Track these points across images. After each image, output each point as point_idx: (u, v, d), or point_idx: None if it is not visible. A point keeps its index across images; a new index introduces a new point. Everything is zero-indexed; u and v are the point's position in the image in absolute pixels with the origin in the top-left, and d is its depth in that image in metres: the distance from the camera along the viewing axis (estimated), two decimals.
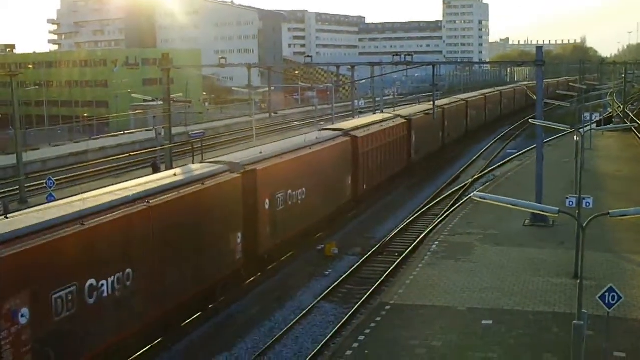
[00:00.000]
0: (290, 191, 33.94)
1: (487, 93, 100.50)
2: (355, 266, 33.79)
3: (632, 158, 62.35)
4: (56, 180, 43.98)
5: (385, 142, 49.87)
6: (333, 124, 58.66)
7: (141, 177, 28.88)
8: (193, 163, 36.15)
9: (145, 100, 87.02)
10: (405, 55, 46.89)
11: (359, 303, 28.52)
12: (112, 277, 20.90)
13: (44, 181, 42.75)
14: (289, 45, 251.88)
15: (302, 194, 35.20)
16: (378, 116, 56.09)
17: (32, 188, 49.80)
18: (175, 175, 26.61)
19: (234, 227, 28.33)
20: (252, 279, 31.35)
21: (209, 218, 26.24)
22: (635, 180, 51.08)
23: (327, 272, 33.60)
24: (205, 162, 30.79)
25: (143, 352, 23.70)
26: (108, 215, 21.01)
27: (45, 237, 18.66)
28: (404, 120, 56.04)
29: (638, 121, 77.85)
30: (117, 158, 64.51)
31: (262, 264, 32.18)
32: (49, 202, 27.58)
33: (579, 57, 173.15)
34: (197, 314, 27.07)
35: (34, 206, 22.82)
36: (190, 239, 24.84)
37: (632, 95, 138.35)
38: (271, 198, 31.80)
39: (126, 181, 26.79)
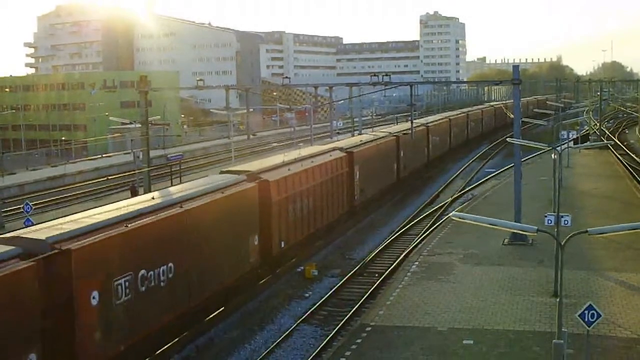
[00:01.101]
0: (152, 271, 23.81)
1: (452, 116, 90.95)
2: (335, 288, 33.69)
3: (609, 175, 62.77)
4: (34, 204, 43.62)
5: (315, 182, 39.86)
6: (311, 143, 58.48)
7: (120, 200, 28.90)
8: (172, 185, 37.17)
9: (123, 123, 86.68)
10: (383, 75, 47.18)
11: (339, 325, 28.40)
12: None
13: (22, 206, 42.41)
14: (267, 67, 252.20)
15: (164, 272, 24.60)
16: (313, 149, 47.17)
17: (9, 213, 49.42)
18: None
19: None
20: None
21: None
22: (612, 198, 51.42)
23: (307, 294, 33.49)
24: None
25: None
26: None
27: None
28: (343, 154, 46.10)
29: (614, 138, 78.53)
30: (95, 182, 64.31)
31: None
32: (26, 226, 27.36)
33: (555, 75, 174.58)
34: (176, 339, 26.84)
35: (11, 231, 22.70)
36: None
37: (608, 113, 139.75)
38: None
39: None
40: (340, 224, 45.26)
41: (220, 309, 29.91)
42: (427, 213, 51.04)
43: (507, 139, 41.86)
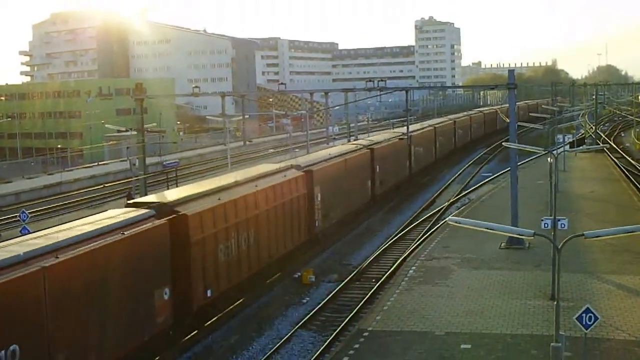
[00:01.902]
0: None
1: (437, 124, 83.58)
2: (333, 293, 33.66)
3: (605, 178, 62.82)
4: (30, 213, 43.58)
5: (259, 210, 33.63)
6: (308, 151, 58.53)
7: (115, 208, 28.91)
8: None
9: (119, 131, 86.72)
10: (379, 80, 47.18)
11: (337, 330, 28.37)
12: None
13: (18, 214, 42.36)
14: (263, 73, 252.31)
15: None
16: (265, 168, 39.93)
17: (6, 221, 49.36)
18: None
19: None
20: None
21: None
22: (608, 201, 51.45)
23: (305, 300, 33.47)
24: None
25: None
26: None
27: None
28: (300, 173, 39.62)
29: (610, 142, 78.64)
30: (92, 189, 64.29)
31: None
32: (23, 235, 27.32)
33: (551, 79, 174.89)
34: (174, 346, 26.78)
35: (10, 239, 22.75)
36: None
37: (603, 117, 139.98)
38: None
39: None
40: (296, 256, 38.50)
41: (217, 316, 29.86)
42: (424, 218, 51.03)
43: (503, 143, 41.86)
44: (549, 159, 39.18)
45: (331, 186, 43.36)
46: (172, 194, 30.30)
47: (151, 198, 29.61)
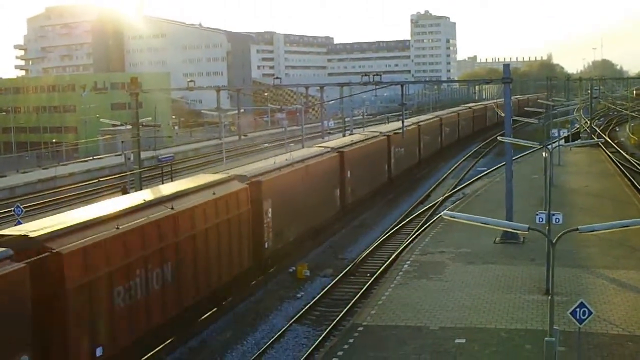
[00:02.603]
0: None
1: (421, 121, 76.94)
2: (327, 288, 33.67)
3: (600, 173, 62.90)
4: (25, 207, 43.46)
5: (179, 238, 26.85)
6: (303, 146, 58.22)
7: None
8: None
9: (114, 125, 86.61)
10: (374, 75, 47.07)
11: (331, 325, 28.40)
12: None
13: (12, 209, 42.23)
14: (258, 67, 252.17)
15: None
16: (195, 181, 32.80)
17: (0, 215, 49.22)
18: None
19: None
20: None
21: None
22: (603, 195, 51.52)
23: (299, 295, 33.48)
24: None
25: None
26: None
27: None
28: (243, 185, 33.19)
29: (605, 136, 78.76)
30: (87, 184, 64.18)
31: None
32: None
33: (546, 73, 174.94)
34: (168, 340, 26.75)
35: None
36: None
37: (598, 111, 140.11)
38: None
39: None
40: (236, 288, 32.40)
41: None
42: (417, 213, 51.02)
43: (499, 137, 41.86)
44: (543, 153, 39.22)
45: (287, 200, 37.67)
46: (46, 223, 22.36)
47: (13, 230, 23.16)
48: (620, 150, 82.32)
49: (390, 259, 37.32)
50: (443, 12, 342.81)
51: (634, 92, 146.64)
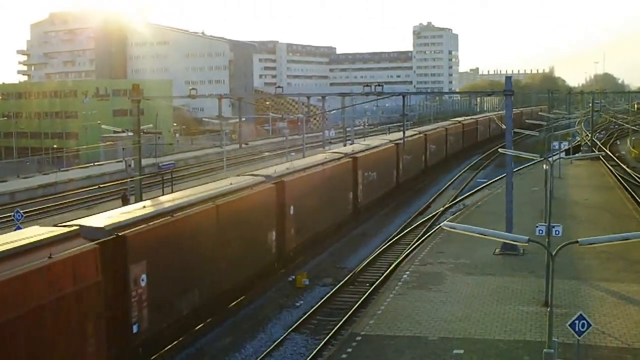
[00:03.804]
0: None
1: (398, 140, 59.76)
2: (326, 297, 33.64)
3: (600, 186, 62.89)
4: (25, 212, 43.47)
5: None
6: (304, 156, 58.02)
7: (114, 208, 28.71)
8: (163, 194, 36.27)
9: (115, 132, 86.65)
10: (376, 85, 47.06)
11: (330, 334, 28.36)
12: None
13: (12, 214, 42.23)
14: (260, 76, 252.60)
15: None
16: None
17: (0, 220, 49.24)
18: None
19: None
20: None
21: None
22: (603, 208, 51.49)
23: (298, 304, 33.45)
24: None
25: None
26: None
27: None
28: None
29: (605, 150, 78.75)
30: (87, 190, 64.20)
31: None
32: None
33: (548, 86, 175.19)
34: (166, 348, 26.70)
35: None
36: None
37: (600, 124, 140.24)
38: None
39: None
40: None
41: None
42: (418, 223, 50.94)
43: (500, 150, 41.87)
44: (544, 165, 39.23)
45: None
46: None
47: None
48: (621, 164, 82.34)
49: (390, 268, 37.30)
50: (445, 24, 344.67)
51: (636, 105, 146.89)
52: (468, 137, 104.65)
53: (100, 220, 24.83)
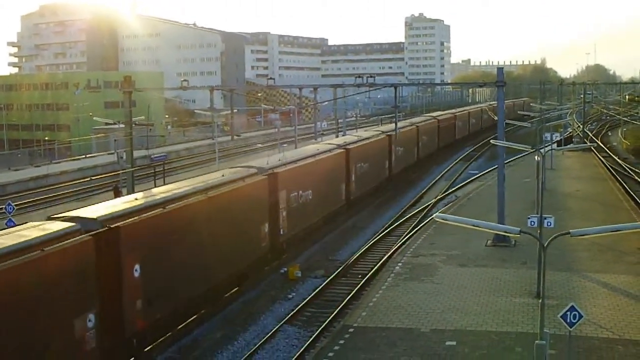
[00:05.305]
0: None
1: (362, 141, 56.44)
2: (319, 289, 33.66)
3: (592, 177, 63.05)
4: (16, 205, 43.29)
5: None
6: (296, 147, 57.93)
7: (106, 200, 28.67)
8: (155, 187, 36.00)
9: (107, 124, 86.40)
10: (368, 76, 46.99)
11: (322, 326, 28.39)
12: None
13: (3, 206, 42.05)
14: (252, 67, 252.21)
15: None
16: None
17: None
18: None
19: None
20: None
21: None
22: (595, 199, 51.64)
23: (291, 296, 33.46)
24: None
25: None
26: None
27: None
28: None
29: (597, 141, 78.85)
30: (79, 182, 64.01)
31: None
32: (8, 227, 27.06)
33: (539, 77, 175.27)
34: (159, 339, 26.71)
35: None
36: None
37: (591, 116, 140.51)
38: None
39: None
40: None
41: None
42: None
43: (491, 141, 41.90)
44: (536, 157, 39.29)
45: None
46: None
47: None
48: (612, 155, 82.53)
49: (382, 260, 37.32)
50: (437, 15, 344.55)
51: (627, 97, 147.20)
52: (445, 135, 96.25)
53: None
